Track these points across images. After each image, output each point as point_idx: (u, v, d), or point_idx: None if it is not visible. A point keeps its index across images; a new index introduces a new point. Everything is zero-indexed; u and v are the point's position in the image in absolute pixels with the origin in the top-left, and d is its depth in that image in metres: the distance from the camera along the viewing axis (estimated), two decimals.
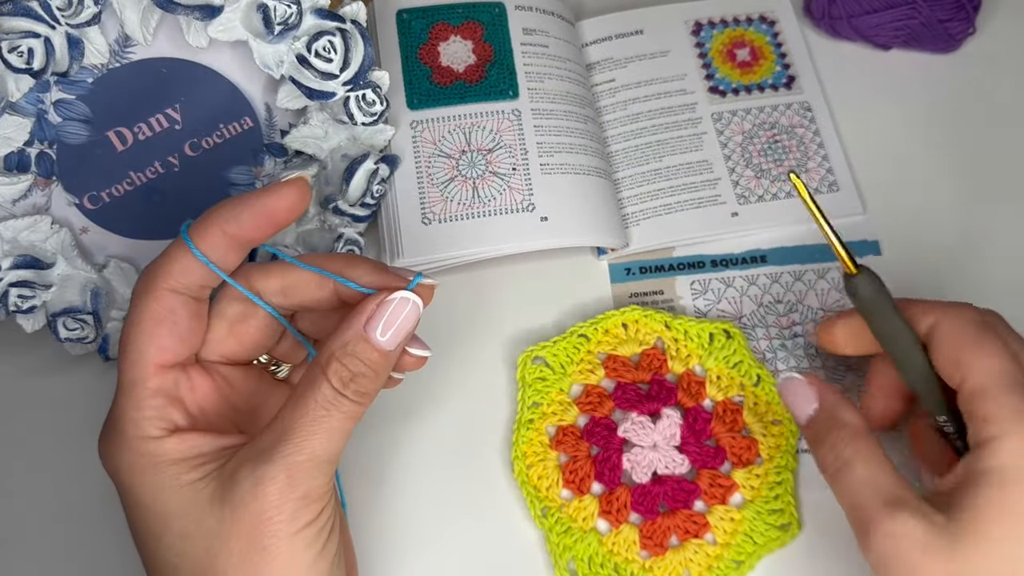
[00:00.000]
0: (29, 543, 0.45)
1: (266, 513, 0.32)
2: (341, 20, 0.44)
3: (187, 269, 0.36)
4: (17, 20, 0.39)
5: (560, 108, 0.53)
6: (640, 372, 0.47)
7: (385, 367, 0.35)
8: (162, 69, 0.44)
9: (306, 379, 0.34)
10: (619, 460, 0.44)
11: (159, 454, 0.34)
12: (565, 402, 0.46)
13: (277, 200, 0.36)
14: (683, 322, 0.48)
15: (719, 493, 0.44)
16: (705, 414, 0.46)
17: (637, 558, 0.43)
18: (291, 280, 0.37)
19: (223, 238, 0.36)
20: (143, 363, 0.35)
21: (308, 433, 0.33)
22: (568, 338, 0.47)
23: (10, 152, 0.42)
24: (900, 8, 0.56)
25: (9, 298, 0.43)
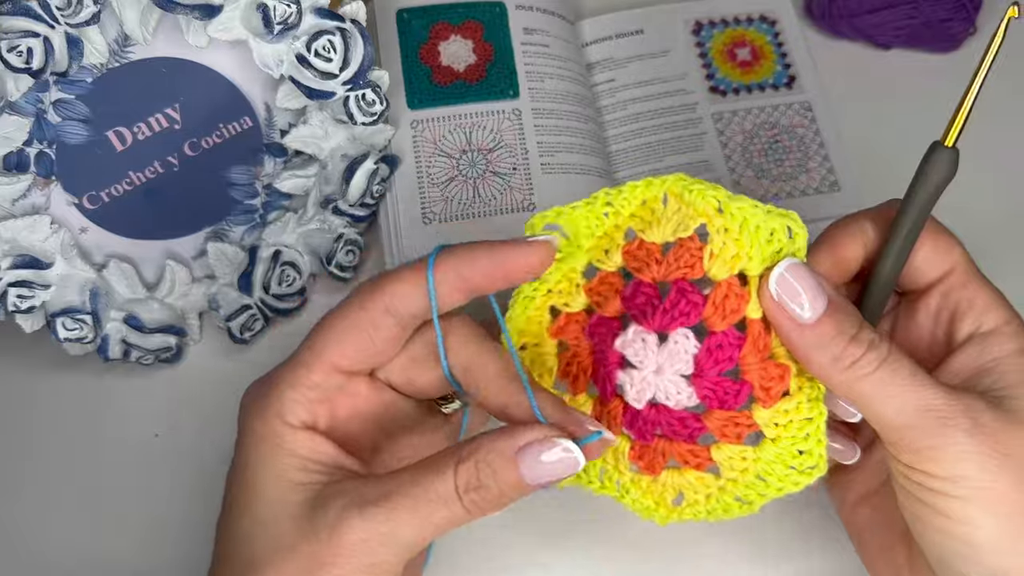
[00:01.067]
0: (29, 543, 0.45)
1: (328, 555, 0.32)
2: (341, 19, 0.44)
3: (409, 296, 0.35)
4: (16, 19, 0.39)
5: (560, 108, 0.53)
6: (664, 267, 0.36)
7: (513, 497, 0.33)
8: (161, 69, 0.44)
9: (437, 458, 0.33)
10: (614, 372, 0.37)
11: (285, 440, 0.34)
12: (575, 283, 0.37)
13: (520, 258, 0.35)
14: (743, 206, 0.35)
15: (732, 433, 0.37)
16: (735, 336, 0.36)
17: (627, 469, 0.38)
18: (478, 367, 0.36)
19: (455, 279, 0.35)
20: (320, 355, 0.35)
21: (406, 511, 0.32)
22: (592, 204, 0.36)
23: (9, 152, 0.42)
24: (901, 8, 0.56)
25: (8, 298, 0.43)
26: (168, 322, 0.48)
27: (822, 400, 0.36)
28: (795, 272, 0.34)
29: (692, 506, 0.38)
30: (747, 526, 0.40)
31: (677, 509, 0.38)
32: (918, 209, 0.35)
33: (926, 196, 0.35)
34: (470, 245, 0.35)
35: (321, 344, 0.35)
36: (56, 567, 0.44)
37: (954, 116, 0.35)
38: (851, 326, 0.34)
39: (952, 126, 0.35)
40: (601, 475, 0.38)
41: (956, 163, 0.35)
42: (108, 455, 0.47)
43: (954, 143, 0.35)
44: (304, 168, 0.48)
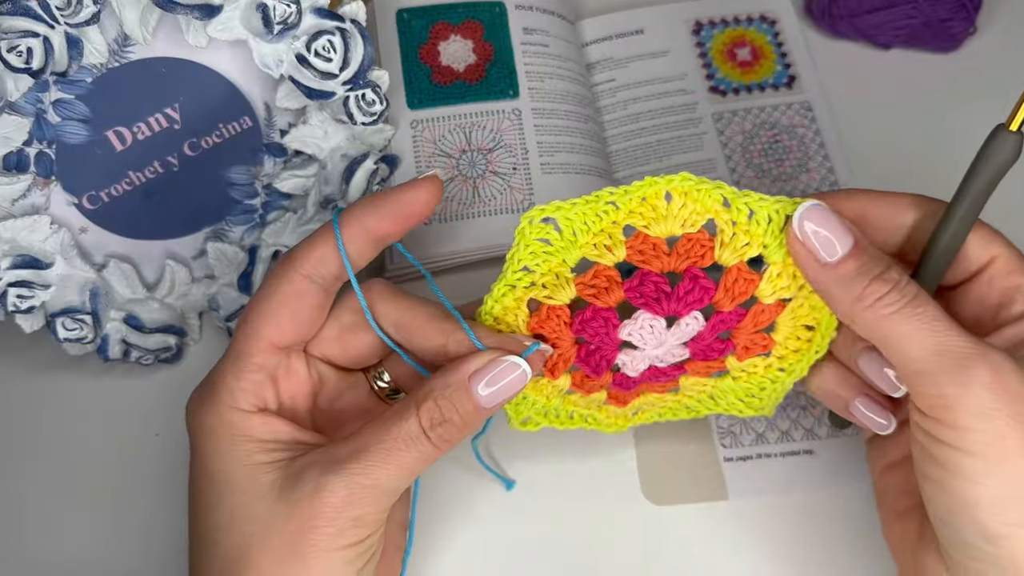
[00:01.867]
0: (29, 543, 0.45)
1: (315, 521, 0.32)
2: (340, 19, 0.44)
3: (325, 258, 0.36)
4: (16, 19, 0.39)
5: (560, 108, 0.53)
6: (673, 259, 0.36)
7: (475, 423, 0.35)
8: (161, 69, 0.44)
9: (398, 406, 0.35)
10: (613, 357, 0.39)
11: (241, 427, 0.35)
12: (563, 276, 0.37)
13: (414, 195, 0.37)
14: (753, 200, 0.36)
15: (703, 371, 0.40)
16: (738, 314, 0.38)
17: (598, 409, 0.41)
18: (408, 319, 0.37)
19: (361, 232, 0.37)
20: (257, 337, 0.36)
21: (380, 460, 0.33)
22: (594, 202, 0.36)
23: (9, 152, 0.42)
24: (901, 7, 0.56)
25: (8, 298, 0.43)
26: (168, 322, 0.48)
27: (792, 376, 0.39)
28: (819, 213, 0.35)
29: (645, 412, 0.42)
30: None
31: (633, 417, 0.42)
32: (978, 190, 0.35)
33: (987, 178, 0.35)
34: (366, 199, 0.37)
35: (255, 326, 0.36)
36: (56, 567, 0.44)
37: (1020, 101, 0.35)
38: (876, 266, 0.34)
39: (1017, 110, 0.35)
40: (572, 415, 0.41)
41: (1020, 147, 0.35)
42: (108, 455, 0.47)
43: (1019, 128, 0.35)
44: (304, 168, 0.48)
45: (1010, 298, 0.36)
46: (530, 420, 0.41)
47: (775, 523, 0.44)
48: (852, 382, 0.39)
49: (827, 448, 0.46)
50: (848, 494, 0.45)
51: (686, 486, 0.45)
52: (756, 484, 0.45)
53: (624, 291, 0.37)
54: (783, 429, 0.47)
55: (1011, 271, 0.36)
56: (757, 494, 0.45)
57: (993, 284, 0.36)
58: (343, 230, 0.36)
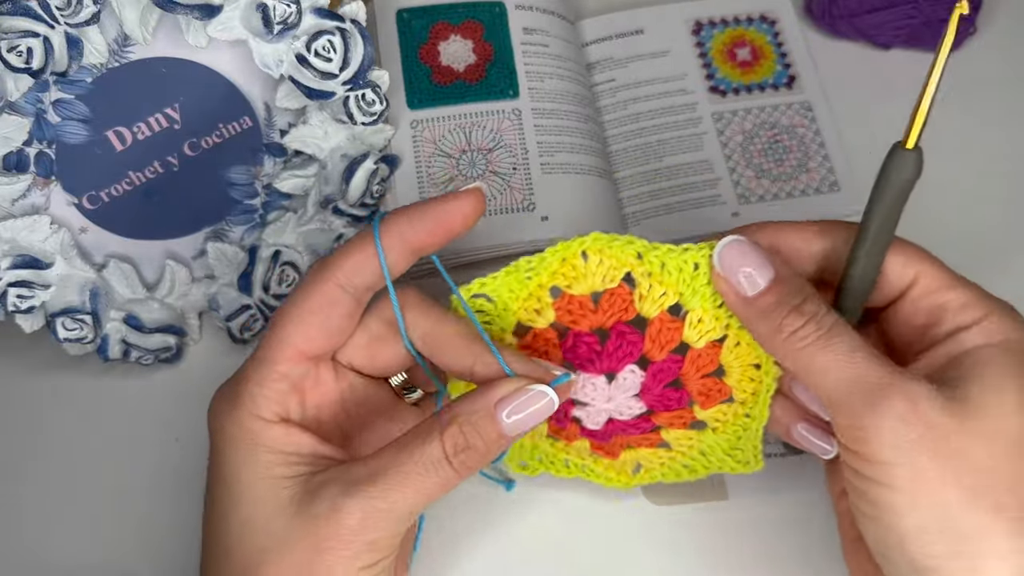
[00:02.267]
0: (28, 543, 0.45)
1: (330, 543, 0.32)
2: (340, 19, 0.44)
3: (359, 268, 0.36)
4: (16, 19, 0.39)
5: (560, 108, 0.53)
6: (599, 315, 0.39)
7: (497, 451, 0.34)
8: (161, 69, 0.44)
9: (421, 429, 0.34)
10: (568, 410, 0.41)
11: (262, 437, 0.34)
12: (505, 342, 0.39)
13: (456, 208, 0.36)
14: (661, 252, 0.37)
15: (678, 423, 0.41)
16: (673, 361, 0.39)
17: (588, 457, 0.42)
18: (438, 333, 0.36)
19: (399, 242, 0.36)
20: (284, 345, 0.35)
21: (399, 484, 0.33)
22: (515, 272, 0.38)
23: (9, 152, 0.42)
24: (901, 7, 0.56)
25: (8, 298, 0.43)
26: (168, 322, 0.48)
27: (759, 420, 0.40)
28: (739, 247, 0.35)
29: (648, 472, 0.42)
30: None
31: (636, 476, 0.42)
32: (884, 212, 0.35)
33: (892, 199, 0.35)
34: (405, 208, 0.37)
35: (283, 333, 0.36)
36: (55, 567, 0.44)
37: (913, 117, 0.35)
38: (794, 297, 0.34)
39: (912, 127, 0.34)
40: (567, 463, 0.42)
41: (920, 163, 0.34)
42: (108, 455, 0.47)
43: (915, 144, 0.34)
44: (304, 168, 0.48)
45: (937, 317, 0.35)
46: (528, 465, 0.42)
47: (775, 523, 0.44)
48: (792, 408, 0.39)
49: None
50: None
51: (686, 486, 0.45)
52: (756, 484, 0.45)
53: (561, 351, 0.39)
54: None
55: (935, 289, 0.35)
56: (757, 494, 0.45)
57: (918, 304, 0.36)
58: (381, 239, 0.36)
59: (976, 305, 0.34)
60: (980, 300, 0.35)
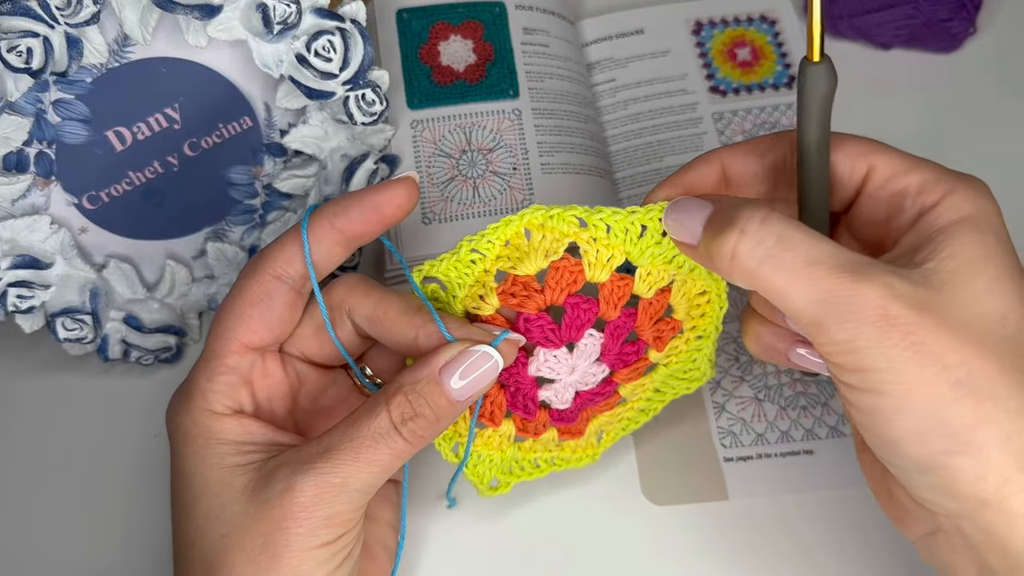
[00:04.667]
0: (28, 543, 0.45)
1: (284, 522, 0.32)
2: (340, 19, 0.44)
3: (293, 258, 0.36)
4: (16, 19, 0.39)
5: (561, 108, 0.53)
6: (548, 293, 0.37)
7: (449, 417, 0.35)
8: (161, 69, 0.44)
9: (368, 403, 0.34)
10: (534, 394, 0.39)
11: (215, 430, 0.35)
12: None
13: (388, 197, 0.37)
14: (606, 215, 0.36)
15: (637, 375, 0.41)
16: (627, 315, 0.39)
17: (556, 447, 0.42)
18: (380, 312, 0.37)
19: (331, 232, 0.37)
20: (228, 338, 0.36)
21: (350, 458, 0.33)
22: (457, 253, 0.37)
23: (9, 152, 0.42)
24: (901, 7, 0.55)
25: (8, 298, 0.43)
26: (168, 322, 0.48)
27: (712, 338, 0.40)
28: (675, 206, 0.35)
29: (609, 434, 0.42)
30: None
31: (600, 443, 0.43)
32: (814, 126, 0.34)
33: (816, 113, 0.34)
34: (340, 198, 0.37)
35: (225, 327, 0.36)
36: (55, 567, 0.44)
37: (808, 31, 0.33)
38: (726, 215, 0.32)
39: (811, 40, 0.33)
40: (536, 462, 0.41)
41: (830, 73, 0.33)
42: (108, 455, 0.47)
43: (820, 57, 0.33)
44: (304, 168, 0.48)
45: (897, 206, 0.33)
46: (499, 483, 0.41)
47: (775, 523, 0.44)
48: (783, 333, 0.37)
49: (827, 448, 0.46)
50: (848, 495, 0.45)
51: (686, 486, 0.45)
52: (756, 484, 0.45)
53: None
54: (783, 429, 0.47)
55: (890, 177, 0.34)
56: (757, 494, 0.45)
57: (877, 197, 0.34)
58: (313, 230, 0.36)
59: (936, 184, 0.33)
60: (940, 178, 0.33)
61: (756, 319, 0.38)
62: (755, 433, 0.47)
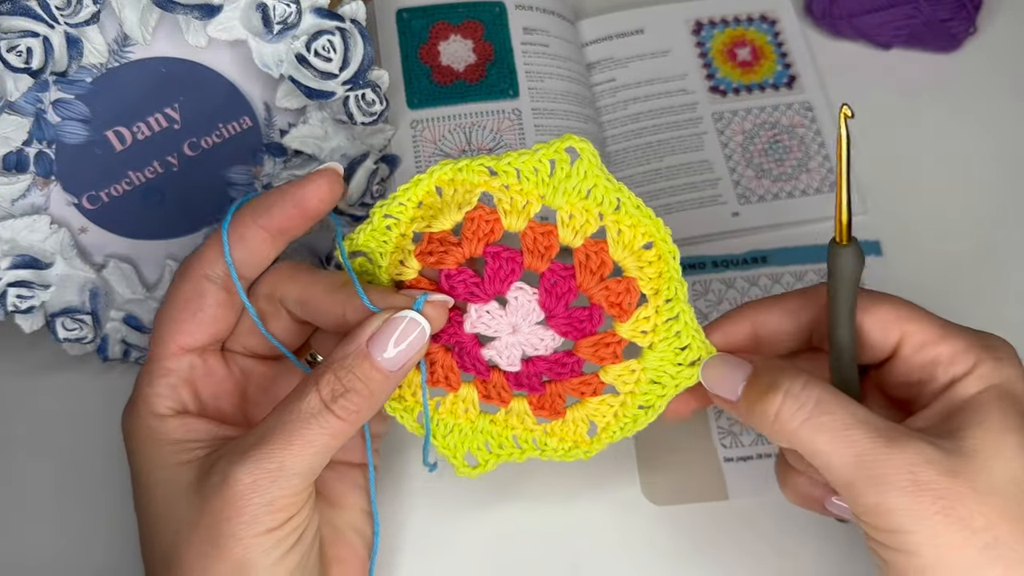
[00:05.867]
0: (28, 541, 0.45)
1: (225, 512, 0.32)
2: (340, 19, 0.44)
3: (219, 257, 0.36)
4: (16, 19, 0.39)
5: (560, 107, 0.53)
6: (466, 246, 0.36)
7: (384, 389, 0.34)
8: (161, 69, 0.44)
9: (298, 386, 0.34)
10: (477, 352, 0.38)
11: (160, 431, 0.35)
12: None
13: (308, 191, 0.37)
14: (512, 159, 0.35)
15: (608, 354, 0.38)
16: (563, 269, 0.36)
17: (535, 425, 0.39)
18: (309, 295, 0.36)
19: (255, 229, 0.36)
20: (164, 342, 0.36)
21: (284, 442, 0.33)
22: (371, 221, 0.37)
23: (9, 152, 0.42)
24: (901, 7, 0.55)
25: (8, 298, 0.43)
26: None
27: (683, 298, 0.36)
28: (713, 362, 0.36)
29: (605, 430, 0.39)
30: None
31: (596, 439, 0.39)
32: (844, 300, 0.35)
33: (847, 289, 0.35)
34: (263, 195, 0.37)
35: (162, 331, 0.36)
36: (55, 567, 0.44)
37: (837, 214, 0.35)
38: (767, 376, 0.34)
39: (837, 224, 0.35)
40: (516, 441, 0.39)
41: (859, 255, 0.35)
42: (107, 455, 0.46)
43: (848, 238, 0.35)
44: (304, 168, 0.48)
45: (930, 374, 0.35)
46: (477, 463, 0.39)
47: (775, 523, 0.44)
48: (819, 484, 0.38)
49: None
50: None
51: (686, 486, 0.45)
52: (756, 484, 0.45)
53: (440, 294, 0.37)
54: None
55: (923, 345, 0.35)
56: (757, 494, 0.45)
57: (911, 363, 0.35)
58: (235, 228, 0.36)
59: (966, 353, 0.34)
60: (970, 347, 0.34)
61: (792, 471, 0.39)
62: (755, 433, 0.47)
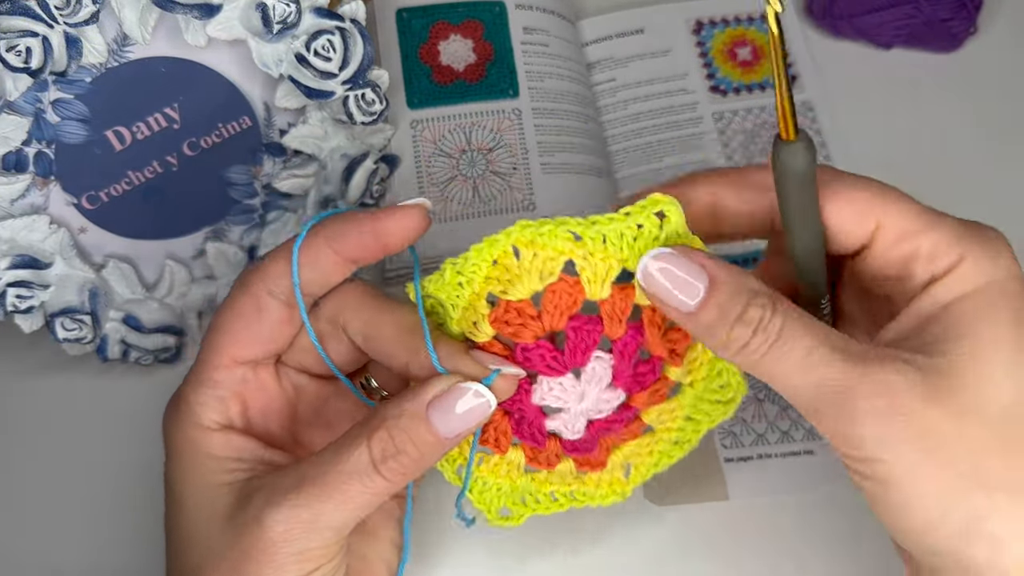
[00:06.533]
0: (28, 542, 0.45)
1: (254, 554, 0.31)
2: (340, 19, 0.44)
3: (285, 274, 0.34)
4: (15, 19, 0.39)
5: (561, 107, 0.53)
6: (546, 319, 0.34)
7: (435, 455, 0.32)
8: (160, 68, 0.44)
9: (349, 434, 0.32)
10: (540, 423, 0.36)
11: (202, 444, 0.34)
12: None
13: (392, 225, 0.34)
14: (602, 224, 0.32)
15: (657, 399, 0.37)
16: (635, 330, 0.34)
17: (574, 480, 0.38)
18: (374, 332, 0.34)
19: (329, 253, 0.34)
20: (217, 352, 0.35)
21: (324, 495, 0.31)
22: (442, 276, 0.33)
23: (8, 152, 0.41)
24: (902, 7, 0.55)
25: (7, 298, 0.43)
26: (167, 322, 0.48)
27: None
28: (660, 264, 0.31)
29: (639, 468, 0.38)
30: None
31: (630, 479, 0.38)
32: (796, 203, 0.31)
33: (795, 191, 0.31)
34: (344, 217, 0.34)
35: (216, 340, 0.35)
36: (54, 567, 0.44)
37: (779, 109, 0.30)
38: (736, 304, 0.30)
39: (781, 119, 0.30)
40: (553, 496, 0.38)
41: (810, 148, 0.30)
42: (107, 456, 0.47)
43: (795, 135, 0.30)
44: (303, 168, 0.48)
45: (907, 270, 0.31)
46: (511, 514, 0.38)
47: (775, 523, 0.44)
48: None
49: (827, 448, 0.46)
50: (848, 494, 0.44)
51: (686, 486, 0.45)
52: (756, 484, 0.45)
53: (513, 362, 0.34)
54: (783, 429, 0.47)
55: (901, 236, 0.31)
56: (757, 494, 0.45)
57: (888, 256, 0.31)
58: (308, 249, 0.34)
59: (949, 248, 0.30)
60: (954, 241, 0.30)
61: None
62: (755, 433, 0.47)
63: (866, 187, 0.32)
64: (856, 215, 0.32)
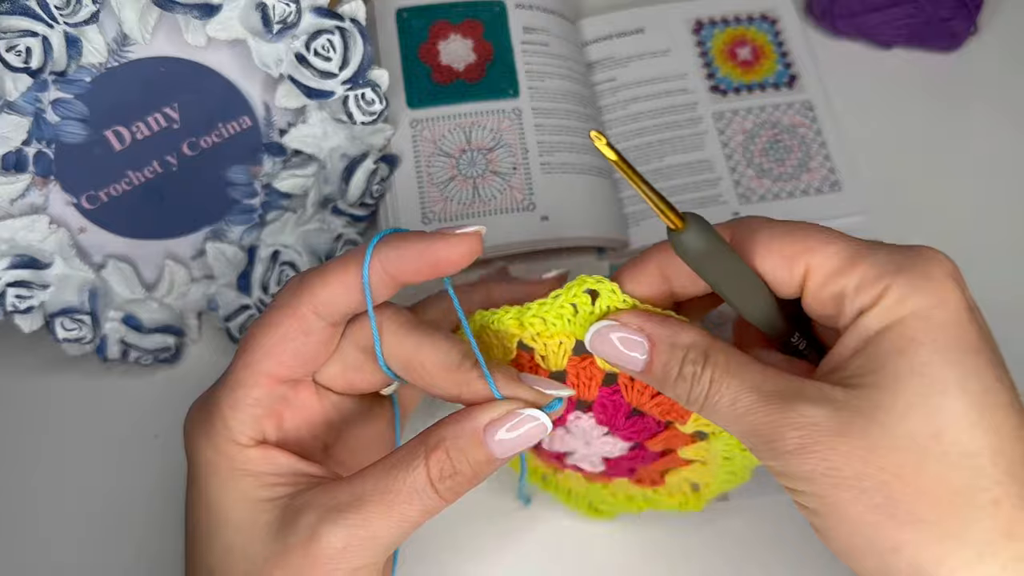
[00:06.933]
0: (29, 542, 0.45)
1: (306, 570, 0.31)
2: (340, 19, 0.44)
3: (337, 297, 0.34)
4: (15, 19, 0.39)
5: (561, 107, 0.52)
6: None
7: (487, 472, 0.33)
8: (160, 68, 0.43)
9: (405, 453, 0.32)
10: (564, 460, 0.41)
11: (239, 461, 0.33)
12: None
13: (446, 249, 0.34)
14: (536, 308, 0.35)
15: (678, 444, 0.38)
16: (612, 393, 0.37)
17: (640, 493, 0.41)
18: (417, 363, 0.34)
19: (380, 273, 0.34)
20: (256, 370, 0.34)
21: (383, 513, 0.31)
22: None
23: (8, 151, 0.41)
24: (902, 7, 0.55)
25: (7, 298, 0.43)
26: (167, 322, 0.48)
27: None
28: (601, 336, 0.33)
29: (707, 487, 0.40)
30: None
31: (703, 494, 0.41)
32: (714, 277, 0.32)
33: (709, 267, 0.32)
34: (400, 239, 0.34)
35: (255, 357, 0.34)
36: (54, 567, 0.44)
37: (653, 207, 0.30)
38: (674, 360, 0.32)
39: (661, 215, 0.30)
40: (571, 493, 0.43)
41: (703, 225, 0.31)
42: (106, 456, 0.47)
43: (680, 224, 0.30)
44: (303, 168, 0.48)
45: (839, 308, 0.31)
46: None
47: (775, 524, 0.44)
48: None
49: None
50: None
51: None
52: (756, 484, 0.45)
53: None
54: None
55: (827, 278, 0.32)
56: (757, 494, 0.45)
57: (820, 297, 0.32)
58: (360, 267, 0.34)
59: (875, 281, 0.30)
60: (880, 273, 0.30)
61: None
62: None
63: (790, 233, 0.33)
64: (784, 263, 0.32)
